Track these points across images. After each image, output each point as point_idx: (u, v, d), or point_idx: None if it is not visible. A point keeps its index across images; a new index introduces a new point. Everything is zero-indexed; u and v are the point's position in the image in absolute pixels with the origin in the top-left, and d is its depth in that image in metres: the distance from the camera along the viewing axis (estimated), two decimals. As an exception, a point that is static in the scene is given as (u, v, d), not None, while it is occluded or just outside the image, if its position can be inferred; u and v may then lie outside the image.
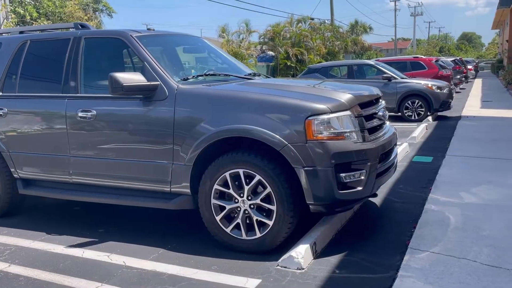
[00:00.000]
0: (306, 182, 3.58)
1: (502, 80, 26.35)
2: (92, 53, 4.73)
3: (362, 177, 3.71)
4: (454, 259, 3.52)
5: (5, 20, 14.45)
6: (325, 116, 3.64)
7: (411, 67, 15.61)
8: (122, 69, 4.87)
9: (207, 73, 4.81)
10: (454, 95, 14.10)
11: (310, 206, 3.68)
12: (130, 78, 4.00)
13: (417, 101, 11.99)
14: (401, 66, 15.07)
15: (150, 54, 4.32)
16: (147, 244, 4.18)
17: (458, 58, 28.98)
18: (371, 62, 13.81)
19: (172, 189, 4.11)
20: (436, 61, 17.29)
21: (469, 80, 29.27)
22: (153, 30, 5.11)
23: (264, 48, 28.91)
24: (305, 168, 3.56)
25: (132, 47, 4.40)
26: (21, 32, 5.42)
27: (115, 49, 4.89)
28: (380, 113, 4.34)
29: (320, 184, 3.57)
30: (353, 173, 3.66)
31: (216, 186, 3.87)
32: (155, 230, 4.58)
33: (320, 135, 3.61)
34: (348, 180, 3.64)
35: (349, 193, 3.67)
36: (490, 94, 19.82)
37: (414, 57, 17.50)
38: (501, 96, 18.58)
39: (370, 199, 4.83)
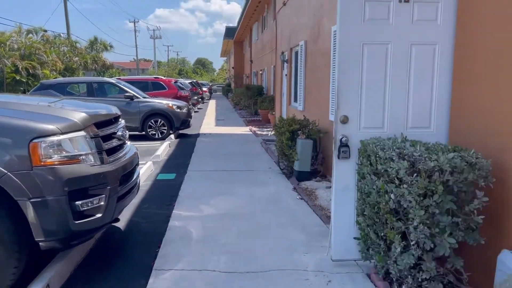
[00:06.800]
0: (34, 216, 3.07)
1: (231, 101, 30.29)
2: None
3: (102, 203, 3.44)
4: (197, 272, 3.66)
5: None
6: (54, 138, 3.22)
7: (153, 87, 16.09)
8: None
9: None
10: (193, 114, 15.25)
11: (40, 243, 3.17)
12: None
13: (159, 120, 12.38)
14: (143, 85, 15.33)
15: None
16: None
17: (194, 80, 31.74)
18: (112, 80, 13.48)
19: None
20: (175, 82, 18.38)
21: (205, 101, 32.38)
22: None
23: (-15, 59, 24.53)
24: (32, 200, 3.05)
25: None
26: None
27: None
28: (120, 133, 4.17)
29: (51, 217, 3.12)
30: (91, 199, 3.35)
31: None
32: None
33: (49, 160, 3.17)
34: (86, 208, 3.32)
35: (87, 222, 3.34)
36: (222, 113, 22.41)
37: (155, 77, 18.11)
38: (231, 115, 21.26)
39: (113, 224, 4.58)
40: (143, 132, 12.35)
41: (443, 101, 3.59)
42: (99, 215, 3.42)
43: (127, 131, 4.55)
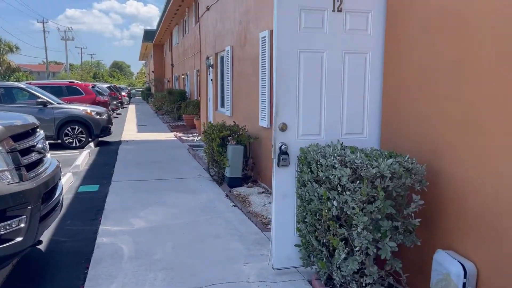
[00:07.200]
0: None
1: (152, 106, 29.39)
2: None
3: (22, 225, 3.08)
4: (133, 293, 3.41)
5: None
6: (-37, 154, 2.81)
7: (68, 92, 15.07)
8: None
9: None
10: (113, 120, 14.52)
11: None
12: None
13: (77, 127, 11.61)
14: (56, 90, 14.30)
15: None
16: None
17: (112, 85, 30.35)
18: (21, 85, 12.38)
19: None
20: (93, 87, 17.39)
21: (124, 106, 31.10)
22: None
23: None
24: None
25: None
26: None
27: None
28: (39, 145, 3.79)
29: (-39, 245, 2.71)
30: (9, 222, 2.99)
31: None
32: None
33: (-43, 180, 2.76)
34: (3, 232, 2.95)
35: (5, 248, 2.97)
36: (144, 118, 21.64)
37: (69, 82, 16.97)
38: (153, 120, 20.61)
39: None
40: (59, 141, 11.50)
41: (375, 108, 3.73)
42: (19, 238, 3.06)
43: (47, 143, 4.15)
